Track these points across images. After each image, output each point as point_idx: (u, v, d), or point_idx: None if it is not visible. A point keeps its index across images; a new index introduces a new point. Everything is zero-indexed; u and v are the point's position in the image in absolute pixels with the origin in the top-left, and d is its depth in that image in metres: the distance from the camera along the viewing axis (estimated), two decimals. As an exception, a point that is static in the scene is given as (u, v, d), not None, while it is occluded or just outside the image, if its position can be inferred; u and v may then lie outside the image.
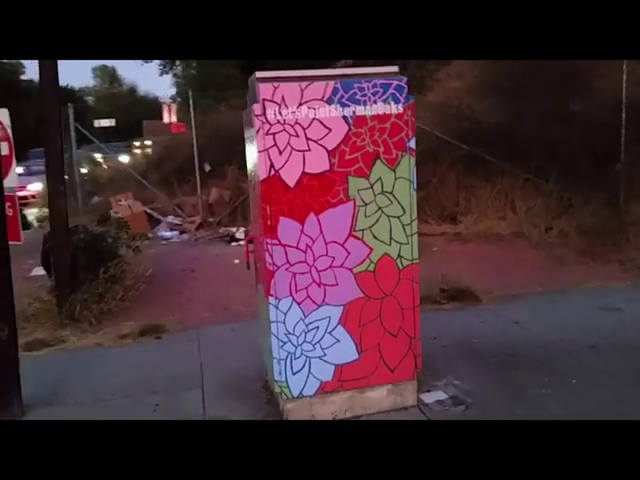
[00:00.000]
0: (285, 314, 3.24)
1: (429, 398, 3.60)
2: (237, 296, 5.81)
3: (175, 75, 23.46)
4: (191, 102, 8.52)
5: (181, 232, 8.36)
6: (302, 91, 3.09)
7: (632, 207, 7.20)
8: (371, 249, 3.30)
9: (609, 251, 6.68)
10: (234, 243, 7.66)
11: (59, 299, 5.14)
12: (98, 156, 15.11)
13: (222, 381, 3.96)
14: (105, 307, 5.27)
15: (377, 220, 3.29)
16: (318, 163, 3.16)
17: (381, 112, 3.19)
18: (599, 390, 3.63)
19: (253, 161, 3.36)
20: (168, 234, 8.23)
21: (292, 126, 3.10)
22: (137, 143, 18.05)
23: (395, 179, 3.27)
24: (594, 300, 5.40)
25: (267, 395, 3.73)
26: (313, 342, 3.30)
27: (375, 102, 3.18)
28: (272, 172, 3.12)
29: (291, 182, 3.15)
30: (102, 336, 4.86)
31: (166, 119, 28.08)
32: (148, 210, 8.73)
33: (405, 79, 3.21)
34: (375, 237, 3.30)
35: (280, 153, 3.11)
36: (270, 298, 3.23)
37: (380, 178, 3.25)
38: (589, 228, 7.03)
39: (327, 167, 3.18)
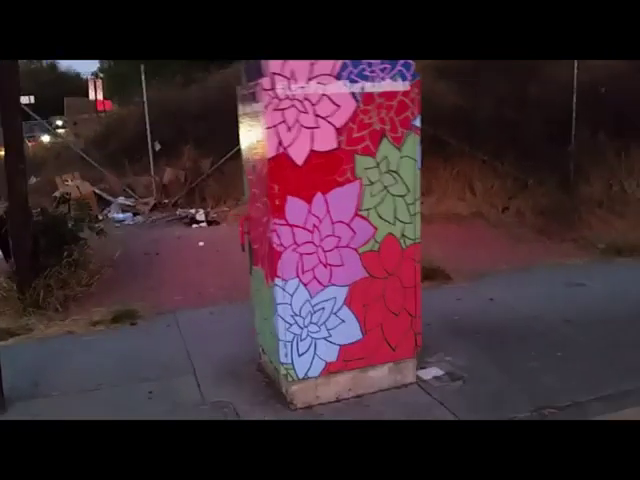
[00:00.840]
0: (292, 296, 3.18)
1: (426, 375, 3.65)
2: (208, 279, 5.66)
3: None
4: (143, 77, 8.11)
5: (134, 214, 8.01)
6: (312, 65, 2.99)
7: (582, 188, 7.57)
8: (376, 228, 3.28)
9: (563, 230, 7.01)
10: (195, 225, 7.42)
11: (20, 285, 4.80)
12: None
13: (213, 365, 3.85)
14: (70, 293, 4.99)
15: (382, 199, 3.26)
16: (326, 141, 3.09)
17: (389, 89, 3.15)
18: (583, 362, 3.80)
19: (255, 138, 3.24)
20: (121, 216, 7.86)
21: (301, 102, 3.01)
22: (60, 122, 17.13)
23: (400, 158, 3.25)
24: (557, 277, 5.65)
25: (264, 378, 3.65)
26: (319, 323, 3.26)
27: (383, 79, 3.13)
28: (280, 149, 3.01)
29: (299, 160, 3.06)
30: (72, 323, 4.60)
31: (92, 96, 26.74)
32: (97, 191, 8.29)
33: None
34: (380, 216, 3.27)
35: (289, 130, 3.01)
36: (276, 279, 3.14)
37: (386, 157, 3.22)
38: (544, 208, 7.35)
39: (335, 145, 3.11)
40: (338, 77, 3.05)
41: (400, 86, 3.17)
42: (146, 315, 4.81)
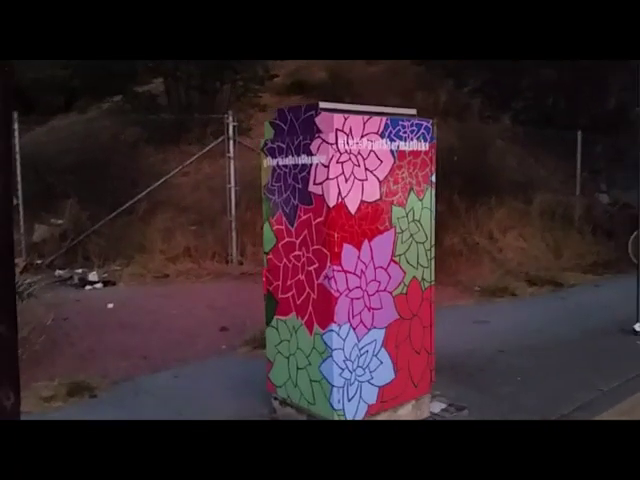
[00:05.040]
0: (344, 340, 3.27)
1: (434, 408, 3.94)
2: (144, 342, 5.24)
3: None
4: (16, 126, 7.19)
5: (5, 278, 6.89)
6: (364, 124, 3.26)
7: (446, 241, 8.74)
8: (405, 273, 3.57)
9: (442, 277, 7.96)
10: (89, 287, 6.70)
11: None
12: None
13: (226, 427, 3.64)
14: (-3, 368, 4.21)
15: (409, 246, 3.58)
16: (372, 192, 3.34)
17: (415, 148, 3.54)
18: (540, 383, 4.45)
19: (297, 189, 3.34)
20: (-13, 281, 6.70)
21: (355, 156, 3.23)
22: None
23: (422, 209, 3.63)
24: (461, 316, 6.45)
25: (290, 431, 3.58)
26: (364, 366, 3.38)
27: (412, 139, 3.52)
28: (339, 199, 3.18)
29: (353, 209, 3.25)
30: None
31: None
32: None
33: (431, 121, 3.64)
34: (408, 262, 3.58)
35: (346, 181, 3.20)
36: (332, 325, 3.22)
37: (412, 208, 3.57)
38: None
39: (378, 196, 3.37)
40: (382, 136, 3.35)
41: (423, 146, 3.59)
42: (101, 386, 4.28)
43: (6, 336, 2.65)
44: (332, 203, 3.15)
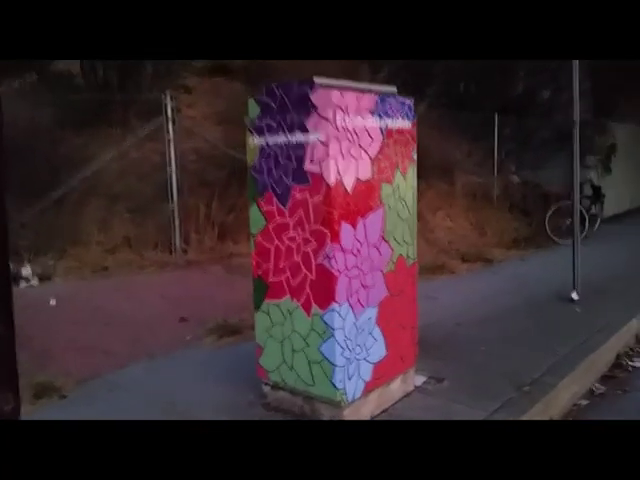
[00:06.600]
0: (344, 320, 3.26)
1: (416, 382, 4.05)
2: (103, 338, 4.93)
3: None
4: None
5: None
6: (359, 101, 3.24)
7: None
8: (393, 250, 3.62)
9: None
10: (24, 284, 6.15)
11: None
12: None
13: (220, 414, 3.53)
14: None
15: (396, 223, 3.63)
16: (365, 170, 3.34)
17: (400, 126, 3.58)
18: (504, 350, 4.70)
19: (291, 168, 3.27)
20: None
21: (351, 133, 3.21)
22: None
23: (406, 186, 3.69)
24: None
25: (285, 415, 3.53)
26: (361, 344, 3.40)
27: (397, 117, 3.55)
28: (338, 178, 3.15)
29: (349, 188, 3.23)
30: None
31: None
32: None
33: (413, 99, 3.69)
34: (395, 239, 3.63)
35: (343, 159, 3.17)
36: (333, 305, 3.20)
37: (398, 185, 3.62)
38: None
39: (370, 174, 3.38)
40: (373, 113, 3.35)
41: (406, 124, 3.63)
42: (67, 386, 3.99)
43: (4, 336, 2.40)
44: (331, 181, 3.11)
